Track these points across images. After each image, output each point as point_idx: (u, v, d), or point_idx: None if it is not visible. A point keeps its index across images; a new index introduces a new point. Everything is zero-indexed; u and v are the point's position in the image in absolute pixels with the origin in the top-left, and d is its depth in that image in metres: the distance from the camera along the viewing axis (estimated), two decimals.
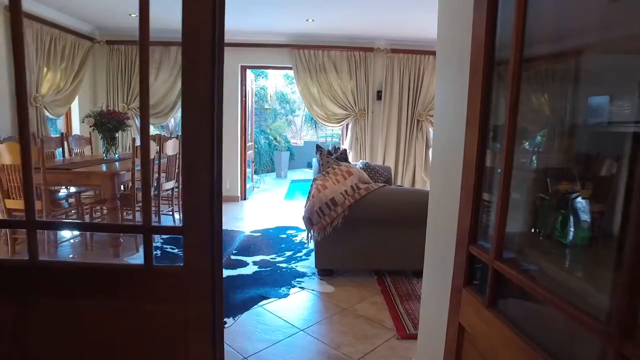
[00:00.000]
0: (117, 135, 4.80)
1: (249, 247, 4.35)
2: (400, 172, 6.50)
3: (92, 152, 5.62)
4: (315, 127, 15.74)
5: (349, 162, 4.39)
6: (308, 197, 3.43)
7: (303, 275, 3.59)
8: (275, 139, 14.69)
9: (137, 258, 3.92)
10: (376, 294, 3.24)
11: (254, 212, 6.06)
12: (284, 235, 4.80)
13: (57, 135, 5.37)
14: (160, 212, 4.70)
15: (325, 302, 3.11)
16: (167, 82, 6.41)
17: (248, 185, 7.19)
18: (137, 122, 6.53)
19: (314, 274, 3.61)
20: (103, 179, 3.78)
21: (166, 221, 5.25)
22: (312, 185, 3.45)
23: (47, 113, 5.36)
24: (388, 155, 6.46)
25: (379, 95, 6.41)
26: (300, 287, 3.33)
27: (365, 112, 6.38)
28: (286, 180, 13.35)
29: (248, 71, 6.83)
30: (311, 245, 3.85)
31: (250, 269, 3.69)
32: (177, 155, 4.93)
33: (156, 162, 4.23)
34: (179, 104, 6.42)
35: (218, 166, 1.51)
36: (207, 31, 1.33)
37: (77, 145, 5.31)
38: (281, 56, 6.35)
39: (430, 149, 6.59)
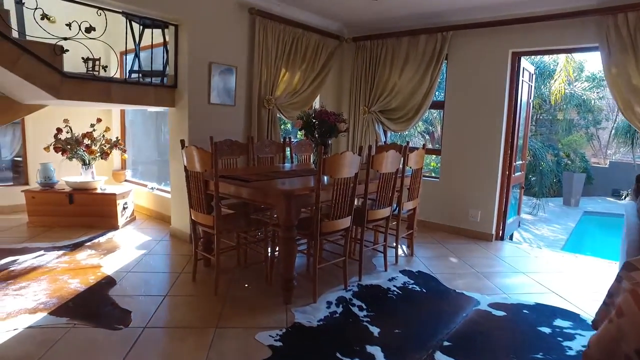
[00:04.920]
0: (330, 141, 3.90)
1: (475, 338, 2.58)
2: None
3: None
4: (632, 143, 11.28)
5: None
6: (603, 306, 1.45)
7: None
8: (567, 156, 11.42)
9: (309, 313, 2.82)
10: None
11: (508, 266, 4.06)
12: (547, 330, 2.72)
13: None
14: (364, 247, 3.49)
15: None
16: (412, 80, 5.18)
17: (510, 221, 5.13)
18: (378, 127, 5.60)
19: None
20: (277, 198, 2.85)
21: (377, 262, 4.01)
22: (616, 281, 1.45)
23: (280, 115, 5.04)
24: None
25: None
26: None
27: None
28: (576, 211, 10.05)
29: (524, 62, 4.79)
30: None
31: None
32: (398, 173, 3.61)
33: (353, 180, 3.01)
34: (426, 106, 5.12)
35: None
36: None
37: (299, 151, 4.75)
38: (580, 31, 4.07)
39: None
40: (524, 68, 4.77)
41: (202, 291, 3.13)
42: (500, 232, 4.97)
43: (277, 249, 3.39)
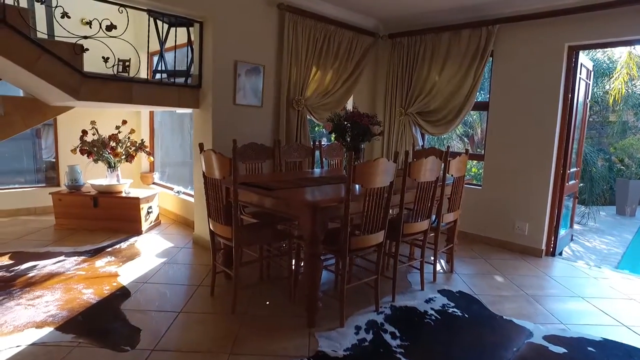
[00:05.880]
0: (362, 146, 3.57)
1: None
2: None
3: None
4: None
5: None
6: None
7: None
8: (621, 161, 10.54)
9: (334, 340, 2.50)
10: None
11: (563, 288, 3.58)
12: None
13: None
14: (398, 266, 3.14)
15: None
16: (453, 80, 4.76)
17: (562, 234, 4.62)
18: (415, 130, 5.22)
19: None
20: (301, 209, 2.56)
21: (413, 279, 3.65)
22: None
23: (310, 117, 4.76)
24: None
25: None
26: None
27: None
28: (632, 221, 9.21)
29: (582, 57, 4.28)
30: None
31: None
32: (438, 182, 3.24)
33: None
34: (468, 107, 4.70)
35: None
36: None
37: (330, 155, 4.45)
38: None
39: None
40: (581, 64, 4.26)
41: (219, 308, 2.87)
42: (551, 247, 4.47)
43: (302, 263, 3.09)
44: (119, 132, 4.72)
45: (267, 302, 2.98)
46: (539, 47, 4.22)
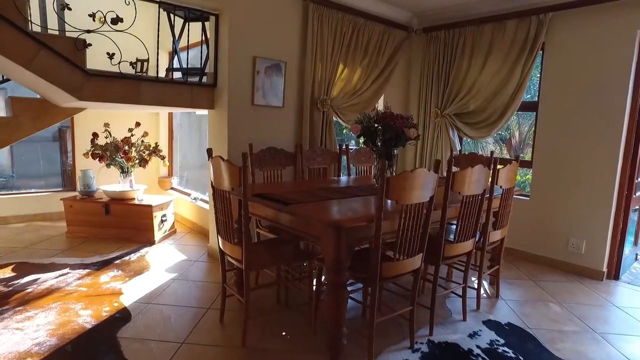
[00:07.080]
0: (395, 151, 3.11)
1: None
2: None
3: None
4: None
5: None
6: None
7: None
8: None
9: None
10: None
11: (636, 323, 3.01)
12: None
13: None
14: (436, 292, 2.66)
15: None
16: (497, 77, 4.24)
17: (626, 252, 4.00)
18: (453, 133, 4.72)
19: None
20: (322, 229, 2.13)
21: (452, 306, 3.15)
22: None
23: (337, 119, 4.34)
24: None
25: None
26: None
27: None
28: None
29: None
30: None
31: None
32: (485, 194, 2.75)
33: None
34: (514, 107, 4.18)
35: None
36: None
37: (358, 161, 4.01)
38: None
39: None
40: None
41: (228, 339, 2.48)
42: (617, 269, 3.86)
43: (324, 287, 2.67)
44: (132, 134, 4.43)
45: (284, 333, 2.57)
46: (602, 36, 3.64)
